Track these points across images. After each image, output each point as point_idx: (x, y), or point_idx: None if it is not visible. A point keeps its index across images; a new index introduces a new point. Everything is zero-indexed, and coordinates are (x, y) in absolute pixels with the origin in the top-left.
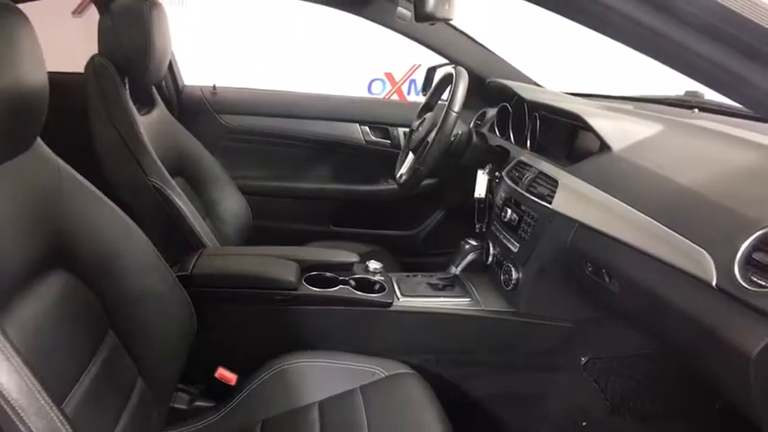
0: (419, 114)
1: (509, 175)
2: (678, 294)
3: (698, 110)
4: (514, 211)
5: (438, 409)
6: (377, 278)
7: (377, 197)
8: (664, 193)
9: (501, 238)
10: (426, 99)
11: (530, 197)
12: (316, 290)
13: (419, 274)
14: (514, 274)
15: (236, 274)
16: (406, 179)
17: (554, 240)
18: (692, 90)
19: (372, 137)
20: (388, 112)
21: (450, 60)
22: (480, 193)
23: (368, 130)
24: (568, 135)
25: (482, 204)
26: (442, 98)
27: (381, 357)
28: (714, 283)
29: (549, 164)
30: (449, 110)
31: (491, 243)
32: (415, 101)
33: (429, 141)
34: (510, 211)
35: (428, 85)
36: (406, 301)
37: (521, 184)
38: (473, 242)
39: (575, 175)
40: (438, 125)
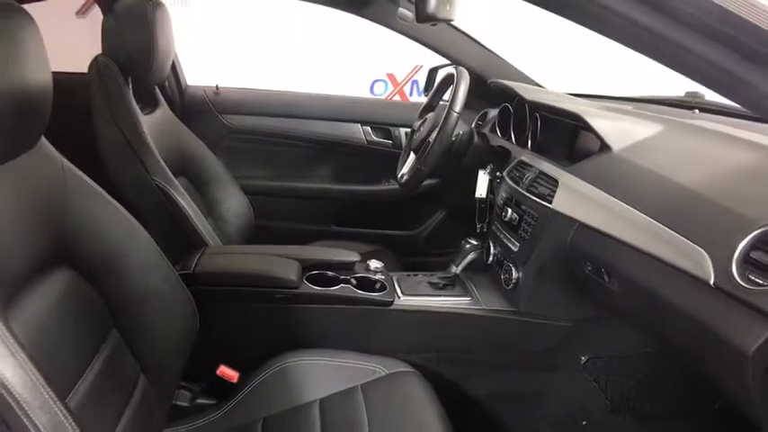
0: (420, 115)
1: (510, 175)
2: (677, 293)
3: (698, 110)
4: (515, 210)
5: (438, 408)
6: (378, 277)
7: (378, 197)
8: (663, 192)
9: (501, 237)
10: (428, 99)
11: (530, 197)
12: (317, 288)
13: (420, 274)
14: (515, 274)
15: (237, 272)
16: (407, 179)
17: (554, 240)
18: (692, 91)
19: (374, 137)
20: (389, 113)
21: (452, 61)
22: (481, 193)
23: (370, 130)
24: (569, 135)
25: (483, 204)
26: (443, 98)
27: (382, 356)
28: (712, 281)
29: (550, 164)
30: (450, 110)
31: (492, 243)
32: (416, 101)
33: (430, 141)
34: (510, 211)
35: (430, 85)
36: (407, 300)
37: (521, 183)
38: (473, 242)
39: (575, 175)
40: (439, 125)
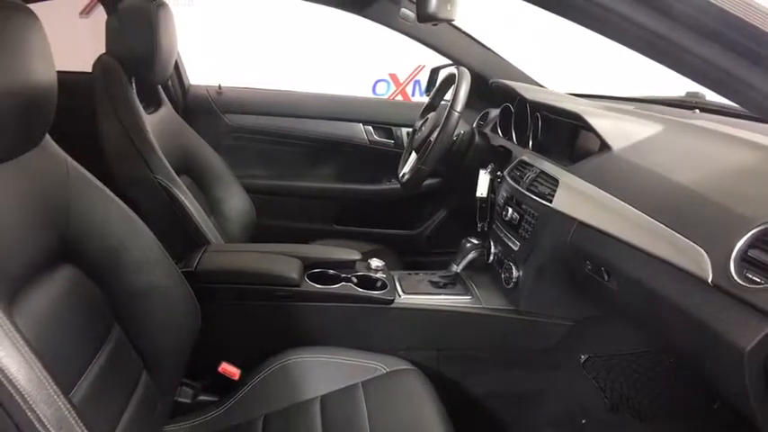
0: (422, 114)
1: (510, 174)
2: (675, 291)
3: (698, 110)
4: (515, 210)
5: (438, 406)
6: (379, 275)
7: (380, 197)
8: (662, 191)
9: (502, 236)
10: (429, 99)
11: (530, 196)
12: (318, 287)
13: (421, 273)
14: (515, 273)
15: (239, 270)
16: (408, 178)
17: (554, 239)
18: (692, 91)
19: (376, 137)
20: (391, 113)
21: (453, 61)
22: (482, 192)
23: (371, 129)
24: (570, 135)
25: (484, 204)
26: (444, 98)
27: (383, 354)
28: (710, 279)
29: (551, 163)
30: (451, 110)
31: (492, 242)
32: (418, 101)
33: (432, 141)
34: (511, 210)
35: (431, 85)
36: (408, 299)
37: (522, 183)
38: (474, 241)
39: (575, 175)
40: (440, 125)
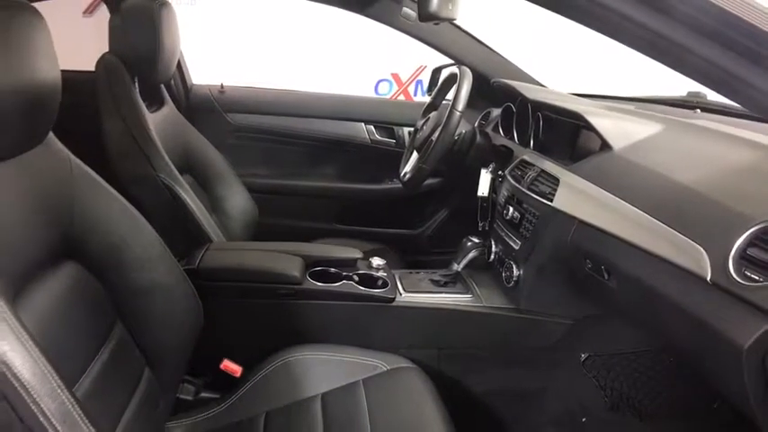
0: (424, 114)
1: (512, 173)
2: (675, 290)
3: (699, 110)
4: (516, 209)
5: (438, 403)
6: (380, 274)
7: (381, 196)
8: (662, 190)
9: (503, 235)
10: (431, 99)
11: (531, 195)
12: (320, 285)
13: (421, 271)
14: (515, 272)
15: (241, 268)
16: (410, 177)
17: (554, 238)
18: (694, 91)
19: (377, 136)
20: (393, 112)
21: (455, 60)
22: (483, 191)
23: (373, 129)
24: (571, 135)
25: (485, 203)
26: (446, 98)
27: (383, 352)
28: (709, 278)
29: (552, 163)
30: (452, 109)
31: (493, 241)
32: (420, 101)
33: (433, 140)
34: (512, 209)
35: (433, 85)
36: (409, 297)
37: (523, 182)
38: (475, 240)
39: (576, 174)
40: (442, 124)
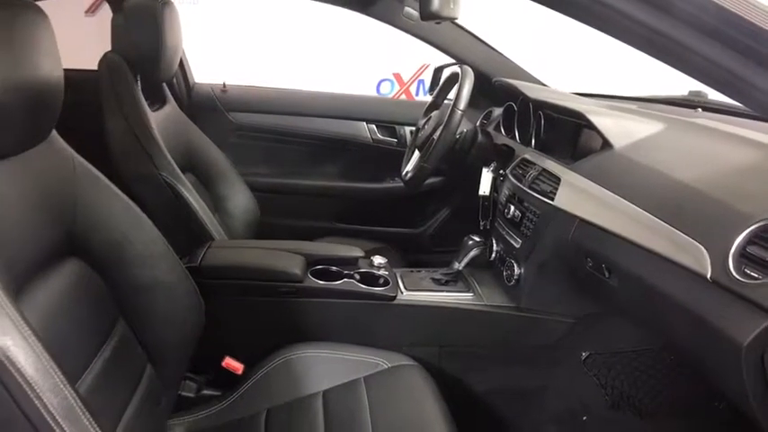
0: (425, 113)
1: (513, 172)
2: (675, 288)
3: (701, 109)
4: (517, 207)
5: (439, 401)
6: (381, 272)
7: (383, 195)
8: (663, 189)
9: (504, 234)
10: (433, 98)
11: (532, 194)
12: (321, 283)
13: (423, 270)
14: (516, 270)
15: (243, 266)
16: (411, 176)
17: (555, 236)
18: (695, 90)
19: (379, 135)
20: (394, 111)
21: (457, 60)
22: (485, 190)
23: (375, 128)
24: (572, 133)
25: (486, 202)
26: (448, 97)
27: (385, 349)
28: (709, 276)
29: (553, 161)
30: (454, 108)
31: (494, 239)
32: (422, 100)
33: (434, 139)
34: (513, 208)
35: (435, 84)
36: (410, 295)
37: (524, 181)
38: (476, 238)
39: (577, 173)
40: (443, 123)
